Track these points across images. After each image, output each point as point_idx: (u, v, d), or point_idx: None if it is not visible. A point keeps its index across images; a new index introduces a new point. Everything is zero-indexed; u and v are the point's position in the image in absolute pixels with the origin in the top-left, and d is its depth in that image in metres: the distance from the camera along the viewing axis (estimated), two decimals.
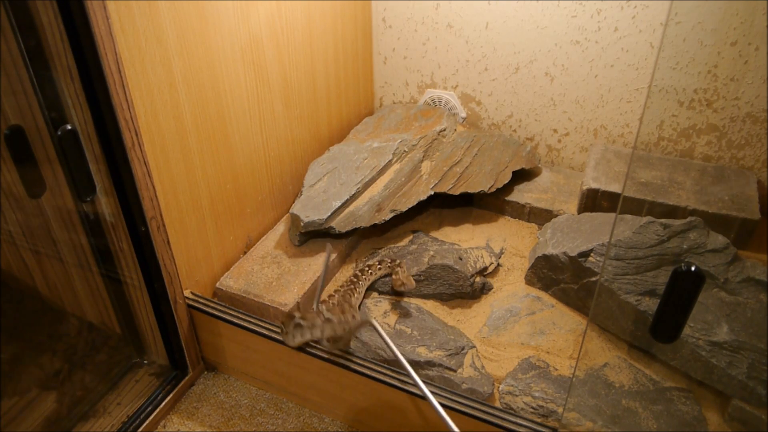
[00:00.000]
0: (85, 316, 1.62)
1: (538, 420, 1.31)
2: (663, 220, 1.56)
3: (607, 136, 2.11)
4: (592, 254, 1.57)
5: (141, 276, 1.45)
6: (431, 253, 1.75)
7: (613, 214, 1.77)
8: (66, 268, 1.51)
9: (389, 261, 1.71)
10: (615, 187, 1.83)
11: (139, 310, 1.54)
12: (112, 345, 1.64)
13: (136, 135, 1.26)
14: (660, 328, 1.08)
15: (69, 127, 1.22)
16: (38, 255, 1.49)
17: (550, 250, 1.65)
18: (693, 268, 1.00)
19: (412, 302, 1.65)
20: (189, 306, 1.55)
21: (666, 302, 1.05)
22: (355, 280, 1.65)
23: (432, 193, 1.87)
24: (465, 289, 1.67)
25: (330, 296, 1.61)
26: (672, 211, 1.73)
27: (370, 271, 1.69)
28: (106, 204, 1.37)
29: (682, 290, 1.02)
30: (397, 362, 1.37)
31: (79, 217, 1.41)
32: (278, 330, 1.47)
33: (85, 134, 1.26)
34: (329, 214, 1.71)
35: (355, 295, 1.61)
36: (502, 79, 2.17)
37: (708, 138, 1.94)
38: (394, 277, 1.64)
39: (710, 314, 1.39)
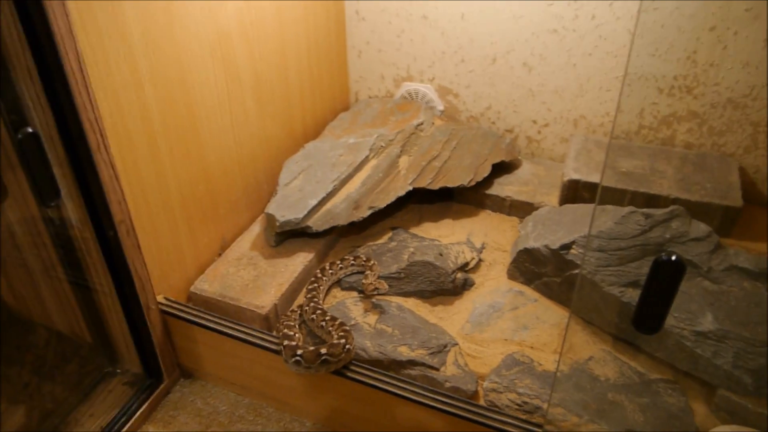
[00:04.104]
0: (53, 325, 1.60)
1: (523, 417, 1.32)
2: (645, 210, 1.58)
3: (588, 126, 2.12)
4: (574, 246, 1.59)
5: (111, 282, 1.44)
6: (411, 249, 1.75)
7: (594, 206, 1.79)
8: (32, 277, 1.49)
9: (363, 259, 1.72)
10: (596, 178, 1.84)
11: (110, 317, 1.53)
12: (83, 355, 1.62)
13: (102, 136, 1.25)
14: (642, 319, 1.09)
15: (30, 129, 1.21)
16: (2, 263, 1.48)
17: (532, 244, 1.66)
18: (674, 258, 1.01)
19: (393, 300, 1.65)
20: (162, 311, 1.54)
21: (647, 293, 1.06)
22: (320, 275, 1.66)
23: (410, 188, 1.88)
24: (446, 285, 1.67)
25: (300, 306, 1.61)
26: (654, 201, 1.75)
27: (340, 266, 1.71)
28: (72, 209, 1.36)
29: (664, 280, 1.03)
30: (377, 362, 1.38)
31: (44, 223, 1.40)
32: (272, 347, 1.45)
33: (47, 137, 1.24)
34: (305, 212, 1.71)
35: (322, 298, 1.64)
36: (479, 71, 2.18)
37: (689, 125, 1.96)
38: (364, 281, 1.64)
39: (694, 304, 1.41)
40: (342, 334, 1.41)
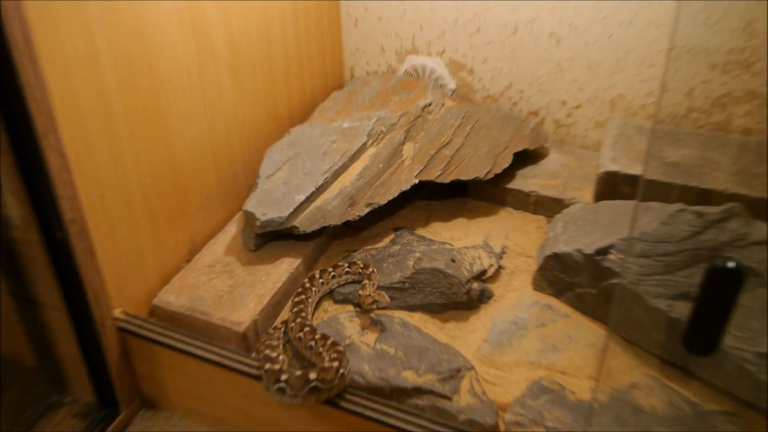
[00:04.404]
0: None
1: None
2: (696, 208, 1.57)
3: (627, 107, 2.12)
4: (612, 251, 1.58)
5: (59, 293, 1.43)
6: (417, 254, 1.75)
7: (636, 203, 1.79)
8: None
9: (360, 265, 1.71)
10: (638, 169, 1.84)
11: (57, 336, 1.52)
12: (25, 381, 1.61)
13: (50, 119, 1.24)
14: (694, 338, 1.08)
15: None
16: None
17: (562, 248, 1.66)
18: (732, 265, 1.00)
19: (396, 315, 1.64)
20: (120, 329, 1.53)
21: (700, 306, 1.05)
22: (308, 285, 1.65)
23: (416, 181, 1.87)
24: (460, 297, 1.66)
25: (285, 322, 1.61)
26: (707, 196, 1.74)
27: (332, 274, 1.70)
28: (13, 206, 1.35)
29: (720, 291, 1.03)
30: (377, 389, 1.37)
31: None
32: (251, 371, 1.44)
33: None
34: (291, 210, 1.70)
35: (310, 312, 1.63)
36: (498, 42, 2.17)
37: (747, 107, 1.96)
38: (361, 293, 1.63)
39: (756, 320, 1.40)
40: (335, 356, 1.40)
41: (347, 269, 1.71)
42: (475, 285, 1.69)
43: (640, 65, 2.04)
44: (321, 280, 1.68)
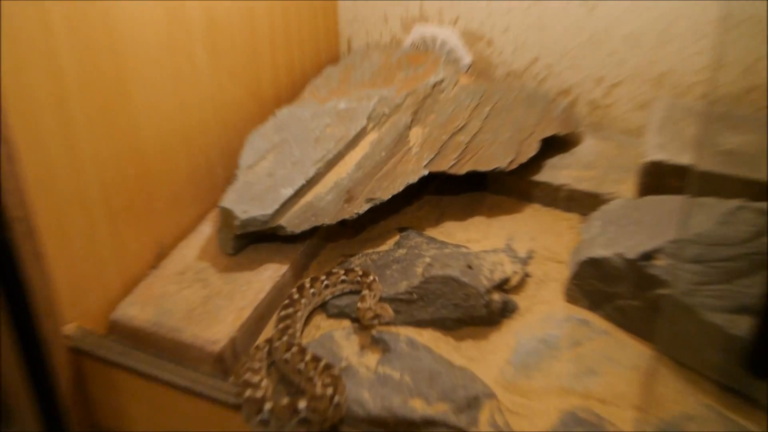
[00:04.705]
0: None
1: None
2: (759, 204, 1.56)
3: (675, 86, 2.12)
4: (659, 256, 1.56)
5: (1, 305, 1.42)
6: (427, 260, 1.74)
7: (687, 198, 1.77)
8: None
9: (359, 273, 1.70)
10: (688, 159, 1.82)
11: None
12: None
13: None
14: (758, 359, 1.09)
15: None
16: None
17: (600, 252, 1.64)
18: None
19: (402, 333, 1.63)
20: (73, 348, 1.53)
21: (765, 321, 1.05)
22: (297, 297, 1.64)
23: (426, 173, 1.87)
24: (478, 311, 1.65)
25: (269, 340, 1.59)
26: None
27: (326, 283, 1.69)
28: None
29: None
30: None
31: None
32: (229, 399, 1.43)
33: None
34: (277, 207, 1.70)
35: (299, 329, 1.62)
36: (521, 9, 2.18)
37: None
38: (360, 305, 1.61)
39: None
40: (328, 381, 1.39)
41: (343, 277, 1.70)
42: (496, 296, 1.68)
43: (689, 36, 2.04)
44: (312, 291, 1.67)
